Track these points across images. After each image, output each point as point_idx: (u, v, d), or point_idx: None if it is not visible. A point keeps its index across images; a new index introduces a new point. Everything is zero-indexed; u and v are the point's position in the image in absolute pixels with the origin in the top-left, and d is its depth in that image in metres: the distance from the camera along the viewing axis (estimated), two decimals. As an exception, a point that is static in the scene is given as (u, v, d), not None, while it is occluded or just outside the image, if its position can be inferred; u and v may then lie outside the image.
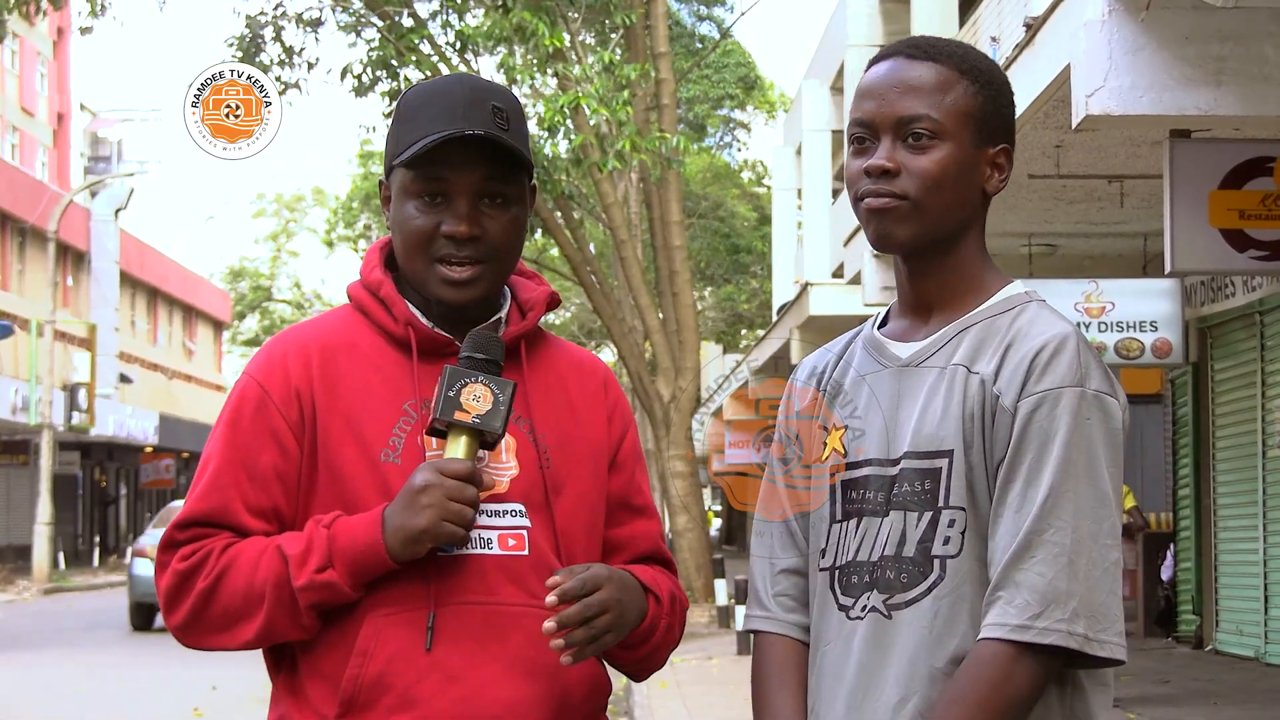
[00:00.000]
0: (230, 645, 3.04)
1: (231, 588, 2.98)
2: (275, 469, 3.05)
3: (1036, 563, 2.70)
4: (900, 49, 2.94)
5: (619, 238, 27.48)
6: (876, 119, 2.88)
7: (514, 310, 3.21)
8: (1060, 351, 2.77)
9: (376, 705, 2.98)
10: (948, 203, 2.86)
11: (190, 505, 3.05)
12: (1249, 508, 18.14)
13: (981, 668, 2.70)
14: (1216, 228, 12.24)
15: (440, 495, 2.92)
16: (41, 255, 48.65)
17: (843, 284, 25.17)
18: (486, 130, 3.03)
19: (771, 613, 3.02)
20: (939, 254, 2.91)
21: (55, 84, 61.66)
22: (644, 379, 27.27)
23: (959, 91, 2.87)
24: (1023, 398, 2.77)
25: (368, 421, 3.06)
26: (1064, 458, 2.72)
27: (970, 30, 22.89)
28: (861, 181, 2.88)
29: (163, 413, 61.17)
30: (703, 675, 16.81)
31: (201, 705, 15.91)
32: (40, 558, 44.26)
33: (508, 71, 25.13)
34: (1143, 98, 10.63)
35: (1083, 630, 2.69)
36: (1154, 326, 17.55)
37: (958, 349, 2.86)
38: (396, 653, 2.98)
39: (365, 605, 3.00)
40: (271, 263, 78.10)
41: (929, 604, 2.79)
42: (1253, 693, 14.99)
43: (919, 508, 2.82)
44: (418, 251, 3.08)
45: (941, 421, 2.82)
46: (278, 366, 3.10)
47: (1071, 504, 2.72)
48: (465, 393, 2.96)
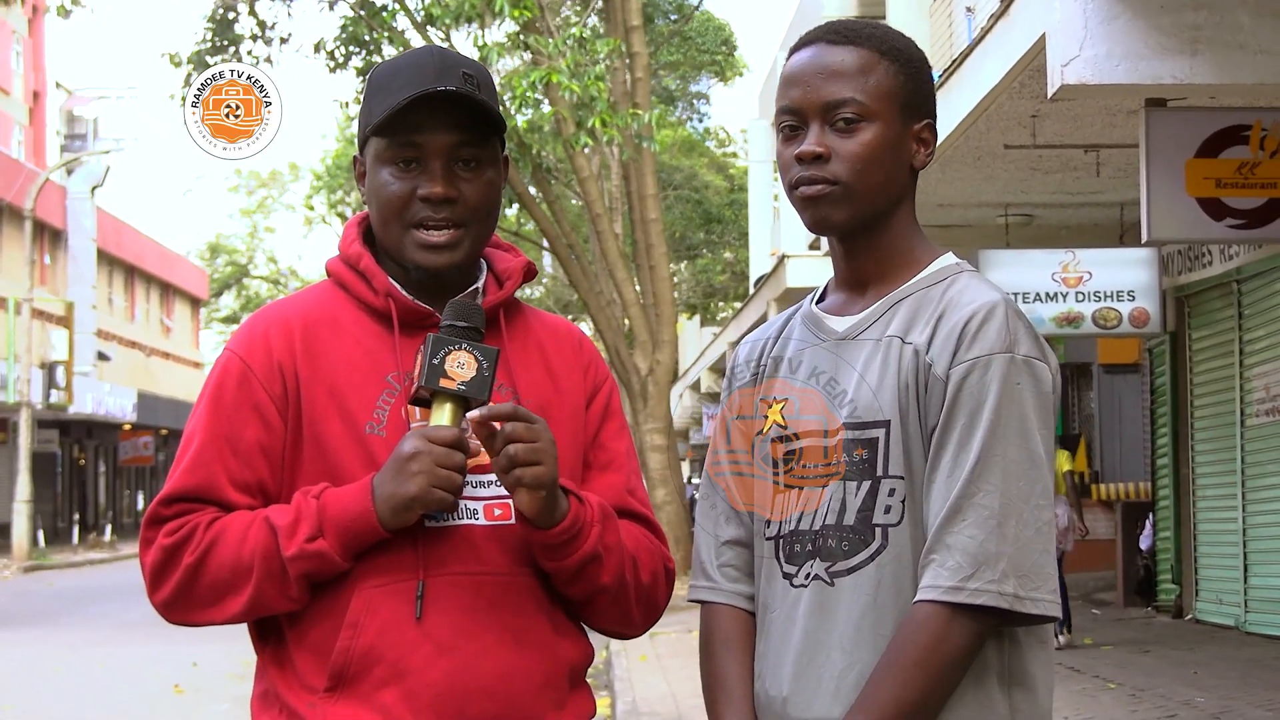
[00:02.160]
0: (217, 619, 3.03)
1: (219, 561, 2.97)
2: (259, 443, 3.05)
3: (967, 525, 2.78)
4: (820, 35, 3.00)
5: (594, 212, 27.46)
6: (804, 105, 2.95)
7: (490, 280, 3.21)
8: (990, 319, 2.84)
9: (367, 677, 2.97)
10: (878, 182, 2.94)
11: (175, 481, 3.04)
12: (1228, 477, 18.19)
13: (917, 629, 2.78)
14: (1193, 196, 12.25)
15: (429, 462, 2.91)
16: (18, 233, 48.48)
17: (819, 256, 25.13)
18: (458, 88, 3.03)
19: (717, 584, 3.10)
20: (872, 232, 2.98)
21: (30, 62, 61.37)
22: (621, 352, 27.25)
23: (881, 72, 2.95)
24: (954, 365, 2.84)
25: (351, 394, 3.05)
26: (994, 421, 2.80)
27: (945, 1, 22.86)
28: (793, 168, 2.95)
29: (141, 390, 61.06)
30: (682, 648, 16.80)
31: (182, 681, 15.90)
32: (19, 536, 44.23)
33: (481, 50, 25.07)
34: (1118, 67, 10.62)
35: (1012, 589, 2.77)
36: (1131, 296, 17.59)
37: (892, 320, 2.94)
38: (387, 623, 2.98)
39: (354, 576, 2.99)
40: (248, 239, 77.99)
41: (872, 571, 2.87)
42: (1233, 661, 15.03)
43: (858, 477, 2.90)
44: (394, 218, 3.07)
45: (878, 392, 2.90)
46: (259, 341, 3.10)
47: (1000, 467, 2.79)
48: (449, 360, 2.96)
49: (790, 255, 26.50)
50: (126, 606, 26.83)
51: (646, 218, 26.94)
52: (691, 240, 50.47)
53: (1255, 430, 17.47)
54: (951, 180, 17.34)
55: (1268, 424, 17.10)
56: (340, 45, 25.69)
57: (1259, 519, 17.43)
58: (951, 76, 14.37)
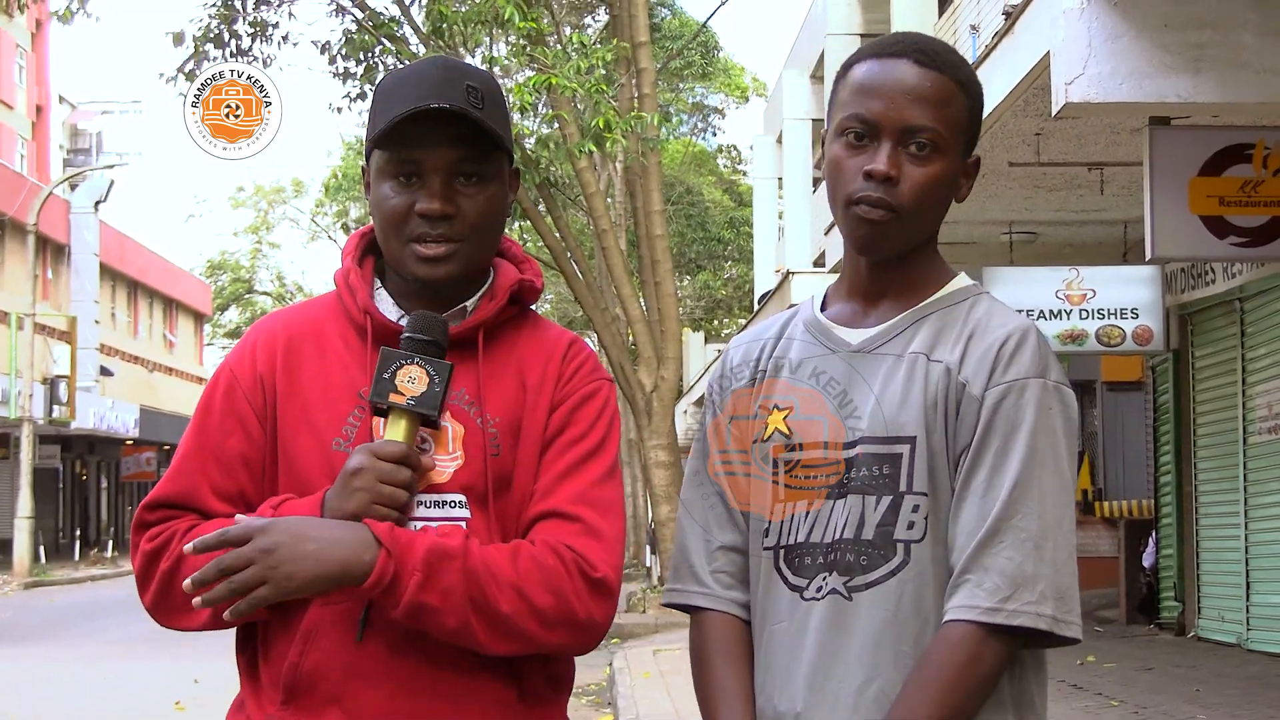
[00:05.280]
0: (192, 625, 3.03)
1: (190, 568, 2.94)
2: (241, 454, 3.07)
3: (1005, 547, 2.79)
4: (908, 51, 2.96)
5: (600, 227, 27.43)
6: (882, 121, 2.91)
7: (487, 295, 3.18)
8: (1024, 343, 2.87)
9: (313, 694, 2.97)
10: (933, 214, 2.97)
11: (159, 488, 3.08)
12: (1230, 494, 18.18)
13: (952, 649, 2.77)
14: (1196, 214, 12.26)
15: (371, 478, 2.89)
16: (21, 248, 48.54)
17: (824, 272, 25.17)
18: (454, 104, 2.99)
19: (710, 589, 3.05)
20: (904, 255, 2.99)
21: (34, 76, 61.47)
22: (626, 369, 27.21)
23: (958, 105, 2.95)
24: (990, 386, 2.85)
25: (322, 409, 3.06)
26: (1030, 446, 2.82)
27: (950, 19, 22.89)
28: (856, 182, 2.92)
29: (143, 405, 61.05)
30: (685, 665, 16.75)
31: (183, 698, 15.89)
32: (21, 552, 44.23)
33: (489, 61, 25.09)
34: (1122, 85, 10.64)
35: (1050, 611, 2.78)
36: (1135, 314, 17.60)
37: (914, 337, 2.94)
38: (332, 643, 2.97)
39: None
40: (252, 255, 77.98)
41: (893, 586, 2.86)
42: (1235, 679, 15.01)
43: (878, 491, 2.88)
44: (394, 231, 3.06)
45: (902, 407, 2.89)
46: (247, 353, 3.14)
47: (1038, 491, 2.81)
48: (400, 374, 2.95)
49: (795, 272, 26.51)
50: (128, 622, 26.80)
51: (652, 234, 26.91)
52: (690, 255, 50.46)
53: (1258, 448, 17.46)
54: (955, 198, 17.34)
55: (1270, 441, 17.10)
56: (341, 51, 25.65)
57: (1261, 536, 17.42)
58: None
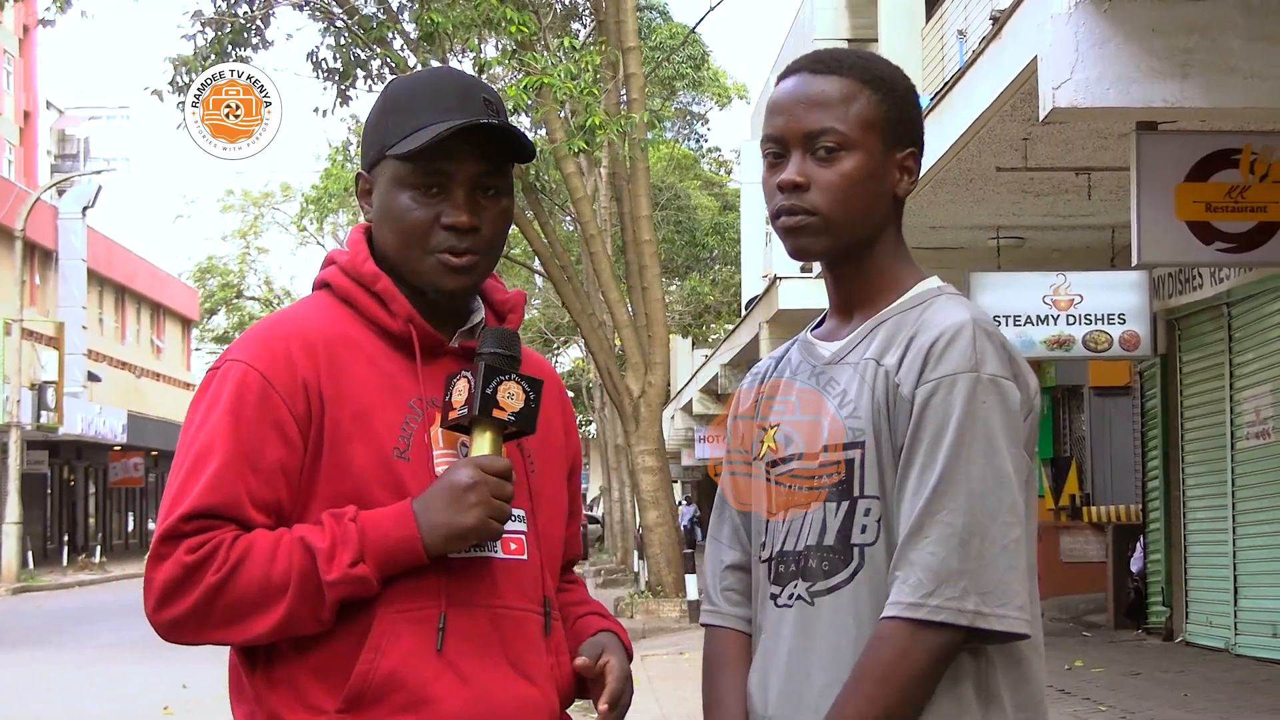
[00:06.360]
0: (235, 639, 2.97)
1: (246, 580, 2.91)
2: (280, 463, 2.99)
3: (930, 542, 2.80)
4: (804, 64, 3.05)
5: (588, 232, 27.45)
6: (785, 134, 2.99)
7: (488, 312, 3.20)
8: (956, 339, 2.87)
9: (385, 702, 2.96)
10: (858, 211, 2.98)
11: (197, 497, 2.95)
12: (1218, 499, 18.20)
13: (881, 646, 2.81)
14: (1183, 220, 12.25)
15: (487, 493, 2.93)
16: (8, 253, 48.48)
17: (811, 278, 25.12)
18: (493, 119, 3.04)
19: (718, 607, 3.16)
20: (856, 258, 3.03)
21: (21, 81, 61.42)
22: (613, 374, 27.23)
23: (862, 102, 2.98)
24: (919, 385, 2.87)
25: (377, 417, 3.02)
26: (957, 440, 2.82)
27: (937, 24, 22.91)
28: (776, 197, 3.00)
29: (131, 411, 61.00)
30: (674, 670, 16.80)
31: (172, 703, 15.88)
32: (9, 557, 44.16)
33: (480, 64, 25.08)
34: (1109, 90, 10.65)
35: (973, 607, 2.78)
36: (1122, 319, 17.61)
37: (871, 343, 2.98)
38: (410, 650, 2.96)
39: (376, 601, 2.97)
40: (240, 260, 77.96)
41: (850, 591, 2.91)
42: (1223, 684, 15.03)
43: (837, 498, 2.94)
44: (415, 243, 3.05)
45: (854, 414, 2.94)
46: (280, 356, 3.02)
47: (965, 485, 2.81)
48: (501, 390, 2.97)
49: (782, 277, 26.52)
50: (116, 628, 26.79)
51: (640, 239, 26.93)
52: (678, 260, 50.52)
53: (1245, 453, 17.48)
54: (943, 202, 17.37)
55: (1258, 446, 17.12)
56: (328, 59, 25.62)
57: (1249, 541, 17.45)
58: (943, 99, 14.40)
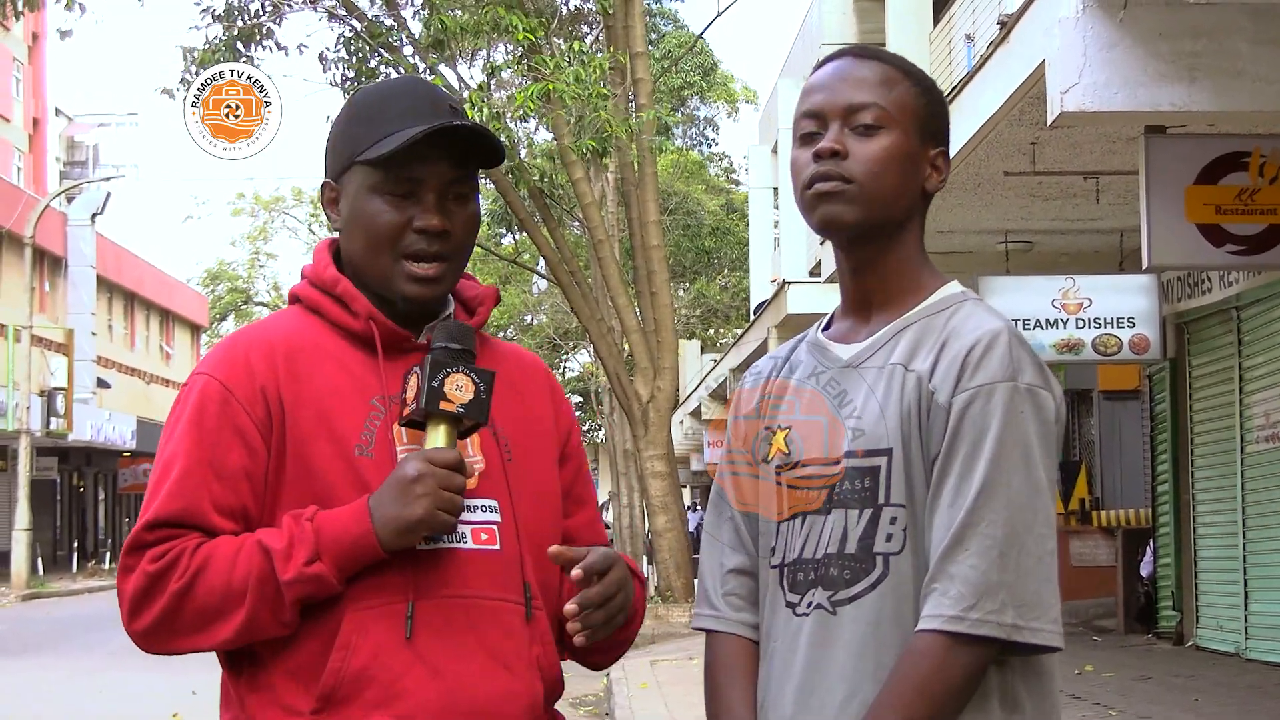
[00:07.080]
0: (203, 645, 3.02)
1: (208, 587, 2.94)
2: (243, 468, 3.02)
3: (970, 555, 2.77)
4: (846, 52, 3.07)
5: (596, 238, 27.45)
6: (825, 107, 2.98)
7: (458, 308, 3.23)
8: (993, 348, 2.84)
9: (358, 698, 2.96)
10: (890, 189, 2.95)
11: (159, 506, 3.00)
12: (1228, 503, 18.17)
13: (919, 659, 2.78)
14: (1193, 223, 12.24)
15: (433, 484, 2.92)
16: (18, 260, 48.50)
17: (820, 282, 25.15)
18: (465, 122, 3.06)
19: (721, 612, 3.10)
20: (880, 245, 2.99)
21: (31, 88, 61.48)
22: (622, 379, 27.23)
23: (903, 88, 3.00)
24: (957, 393, 2.84)
25: (338, 417, 3.04)
26: (997, 451, 2.79)
27: (945, 28, 22.90)
28: (809, 167, 2.96)
29: (140, 417, 60.99)
30: (683, 675, 16.77)
31: (181, 710, 15.86)
32: (18, 564, 44.18)
33: (490, 68, 25.14)
34: (1117, 94, 10.63)
35: (1011, 620, 2.76)
36: (1131, 322, 17.60)
37: (896, 348, 2.94)
38: (379, 645, 2.97)
39: (342, 599, 2.98)
40: (249, 265, 77.99)
41: (873, 600, 2.87)
42: (1233, 688, 15.00)
43: (859, 505, 2.89)
44: (384, 248, 3.07)
45: (880, 420, 2.90)
46: (240, 365, 3.06)
47: (1004, 496, 2.78)
48: (449, 382, 2.97)
49: (791, 282, 26.52)
50: (125, 634, 26.78)
51: (648, 244, 26.92)
52: (686, 264, 50.56)
53: (1255, 457, 17.46)
54: (952, 207, 17.36)
55: (1268, 450, 17.10)
56: (337, 64, 25.70)
57: (1259, 545, 17.41)
58: (951, 103, 14.39)
